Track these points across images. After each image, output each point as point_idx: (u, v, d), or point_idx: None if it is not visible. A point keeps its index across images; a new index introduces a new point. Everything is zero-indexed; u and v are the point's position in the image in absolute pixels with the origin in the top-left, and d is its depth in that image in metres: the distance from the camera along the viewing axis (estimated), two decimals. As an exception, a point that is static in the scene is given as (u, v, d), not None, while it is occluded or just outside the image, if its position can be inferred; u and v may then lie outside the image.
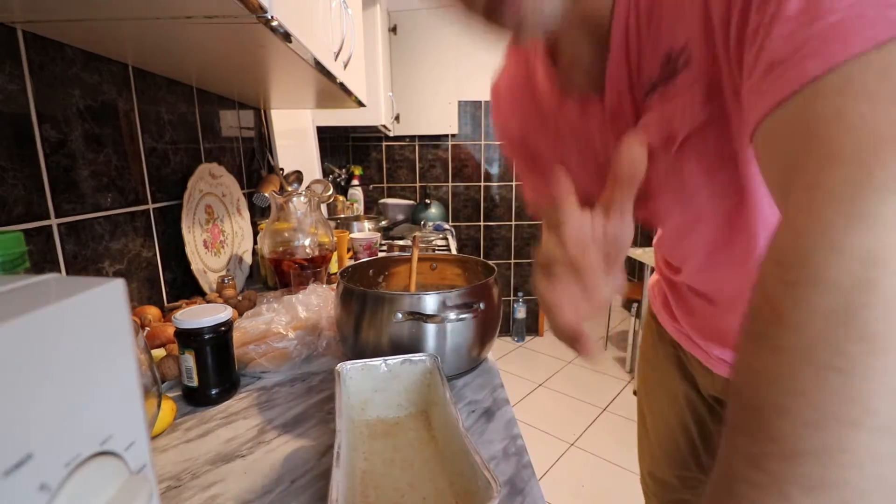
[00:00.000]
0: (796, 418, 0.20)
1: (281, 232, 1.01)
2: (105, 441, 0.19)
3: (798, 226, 0.21)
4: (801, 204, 0.22)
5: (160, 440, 0.53)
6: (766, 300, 0.22)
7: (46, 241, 0.65)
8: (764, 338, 0.22)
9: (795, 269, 0.21)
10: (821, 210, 0.21)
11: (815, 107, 0.23)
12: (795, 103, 0.24)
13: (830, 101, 0.22)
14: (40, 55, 0.64)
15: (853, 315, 0.19)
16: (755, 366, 0.22)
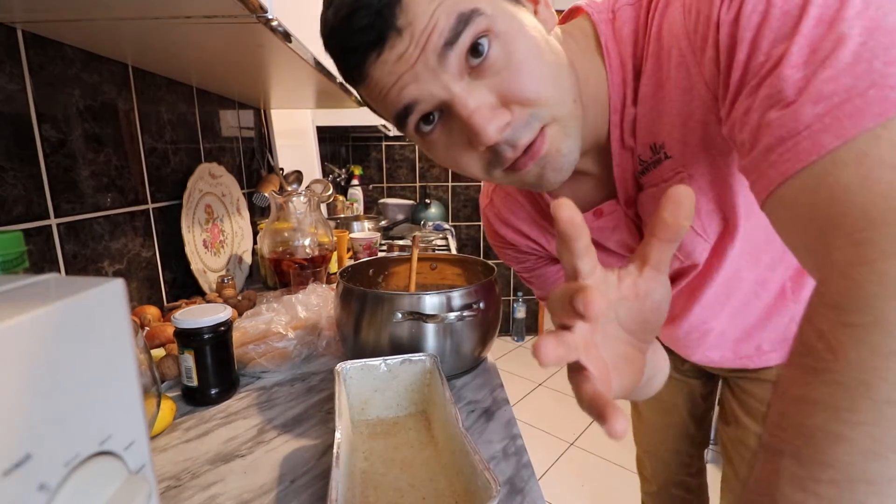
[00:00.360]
0: (853, 447, 0.21)
1: (281, 232, 1.01)
2: (104, 441, 0.19)
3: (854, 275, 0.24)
4: (853, 258, 0.24)
5: (160, 440, 0.53)
6: (821, 339, 0.24)
7: (46, 241, 0.65)
8: (820, 372, 0.23)
9: (857, 314, 0.23)
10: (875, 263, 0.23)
11: (836, 176, 0.26)
12: (813, 172, 0.27)
13: (851, 171, 0.25)
14: (40, 55, 0.64)
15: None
16: (809, 396, 0.23)
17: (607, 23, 0.41)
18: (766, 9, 0.29)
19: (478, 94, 0.36)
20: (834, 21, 0.27)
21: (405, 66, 0.35)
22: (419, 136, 0.41)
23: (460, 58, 0.35)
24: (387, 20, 0.34)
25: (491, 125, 0.35)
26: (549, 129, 0.38)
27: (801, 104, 0.27)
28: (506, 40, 0.36)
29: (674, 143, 0.39)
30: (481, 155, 0.39)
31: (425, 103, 0.37)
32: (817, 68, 0.27)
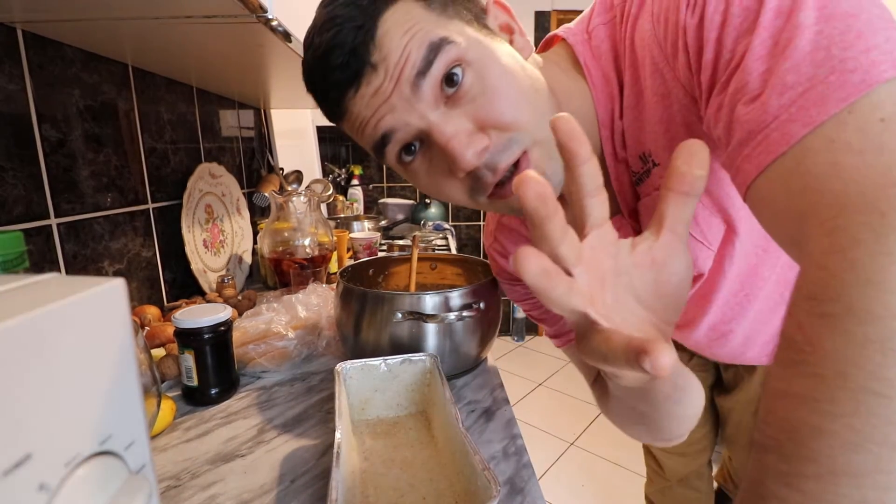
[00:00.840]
0: (833, 440, 0.21)
1: (281, 231, 1.01)
2: (105, 441, 0.19)
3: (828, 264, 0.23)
4: (826, 247, 0.24)
5: (160, 440, 0.53)
6: (800, 330, 0.24)
7: (46, 241, 0.65)
8: (799, 364, 0.23)
9: (830, 303, 0.23)
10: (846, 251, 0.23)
11: (806, 164, 0.26)
12: (784, 163, 0.27)
13: (820, 158, 0.25)
14: (40, 55, 0.64)
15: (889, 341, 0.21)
16: (790, 390, 0.23)
17: (584, 43, 0.42)
18: (727, 7, 0.30)
19: (455, 121, 0.37)
20: (791, 11, 0.27)
21: (381, 98, 0.37)
22: (401, 166, 0.41)
23: (434, 87, 0.36)
24: (361, 57, 0.36)
25: (468, 150, 0.36)
26: (531, 152, 0.38)
27: (768, 96, 0.27)
28: (479, 68, 0.37)
29: (659, 149, 0.40)
30: (463, 182, 0.40)
31: (402, 132, 0.38)
32: (779, 59, 0.27)
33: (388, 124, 0.38)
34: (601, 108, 0.42)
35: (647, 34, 0.37)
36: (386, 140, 0.39)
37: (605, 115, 0.42)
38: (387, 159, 0.41)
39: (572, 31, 0.44)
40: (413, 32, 0.36)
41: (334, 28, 0.36)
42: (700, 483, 0.93)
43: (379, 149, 0.40)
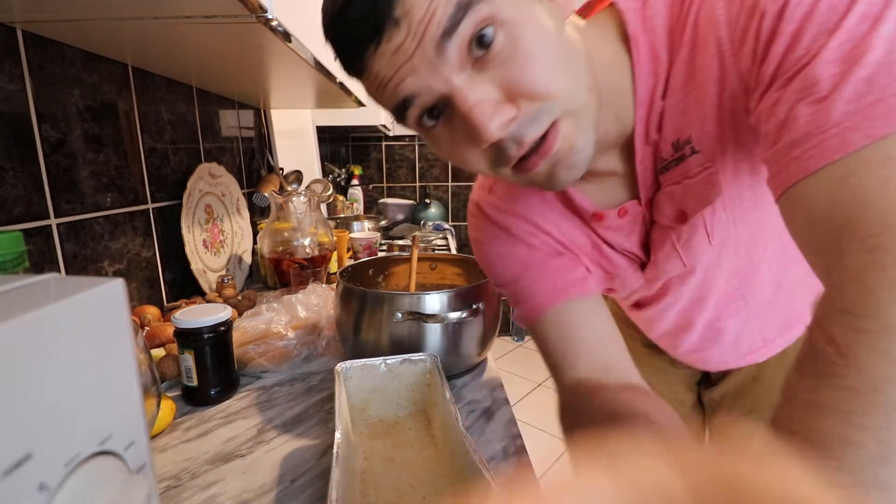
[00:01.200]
0: (862, 452, 0.21)
1: (281, 232, 1.01)
2: (104, 441, 0.19)
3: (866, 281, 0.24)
4: (866, 263, 0.24)
5: (160, 440, 0.53)
6: (832, 343, 0.24)
7: (46, 241, 0.65)
8: (830, 376, 0.23)
9: (867, 319, 0.23)
10: (887, 269, 0.23)
11: (858, 175, 0.25)
12: (835, 170, 0.26)
13: (875, 173, 0.25)
14: (40, 55, 0.64)
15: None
16: (819, 401, 0.23)
17: (636, 11, 0.39)
18: (814, 2, 0.28)
19: (480, 87, 0.34)
20: (878, 19, 0.26)
21: (403, 57, 0.34)
22: (423, 129, 0.39)
23: (461, 48, 0.33)
24: (383, 11, 0.33)
25: (493, 121, 0.33)
26: (561, 124, 0.36)
27: (834, 100, 0.26)
28: (511, 29, 0.33)
29: (704, 136, 0.38)
30: (485, 152, 0.37)
31: (424, 97, 0.35)
32: (854, 65, 0.26)
33: (409, 87, 0.35)
34: (642, 84, 0.39)
35: (717, 13, 0.34)
36: (407, 104, 0.36)
37: (645, 93, 0.40)
38: (407, 122, 0.38)
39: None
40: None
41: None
42: None
43: (400, 112, 0.37)
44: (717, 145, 0.38)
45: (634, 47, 0.39)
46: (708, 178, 0.39)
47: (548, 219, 0.51)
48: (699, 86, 0.37)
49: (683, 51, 0.37)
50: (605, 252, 0.51)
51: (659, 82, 0.39)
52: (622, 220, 0.47)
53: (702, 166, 0.39)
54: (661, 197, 0.44)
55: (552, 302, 0.48)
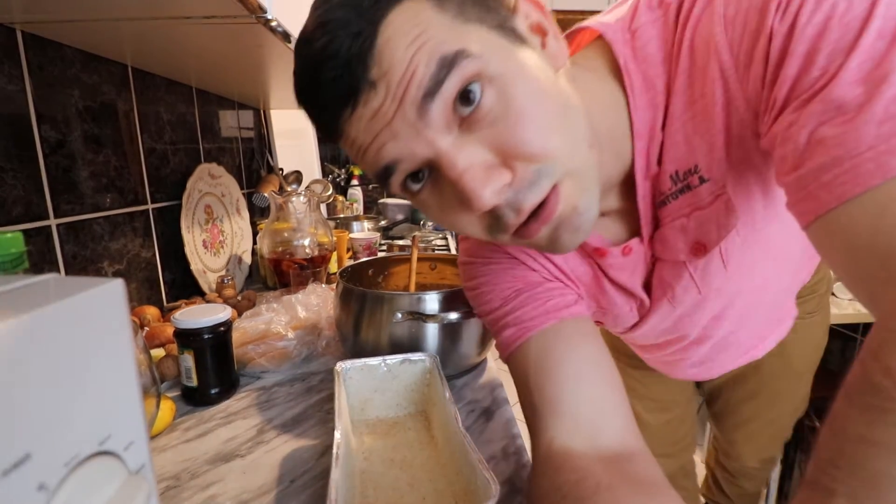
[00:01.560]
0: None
1: (280, 232, 1.01)
2: (104, 441, 0.19)
3: None
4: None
5: (159, 440, 0.53)
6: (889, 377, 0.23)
7: (46, 242, 0.65)
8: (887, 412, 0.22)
9: None
10: None
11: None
12: (876, 197, 0.25)
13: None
14: (39, 56, 0.64)
15: None
16: (870, 437, 0.23)
17: (625, 42, 0.37)
18: (824, 21, 0.27)
19: (469, 150, 0.31)
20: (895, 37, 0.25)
21: (382, 122, 0.31)
22: (408, 195, 0.36)
23: (446, 109, 0.30)
24: (357, 73, 0.30)
25: (486, 188, 0.30)
26: (562, 186, 0.33)
27: (864, 122, 0.25)
28: (502, 85, 0.30)
29: (713, 163, 0.36)
30: (480, 218, 0.34)
31: (407, 162, 0.33)
32: (880, 85, 0.25)
33: (391, 153, 0.32)
34: (639, 118, 0.38)
35: (715, 38, 0.32)
36: (389, 171, 0.33)
37: (643, 126, 0.38)
38: (391, 189, 0.35)
39: (611, 28, 0.38)
40: (421, 42, 0.29)
41: (326, 35, 0.30)
42: (686, 481, 0.93)
43: (382, 179, 0.34)
44: (729, 171, 0.36)
45: (628, 81, 0.37)
46: (724, 205, 0.37)
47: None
48: (702, 113, 0.35)
49: (681, 78, 0.35)
50: (604, 287, 0.48)
51: (658, 113, 0.37)
52: (626, 259, 0.45)
53: (713, 194, 0.37)
54: (667, 232, 0.41)
55: (539, 324, 0.44)
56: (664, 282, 0.46)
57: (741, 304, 0.49)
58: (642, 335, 0.55)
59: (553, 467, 0.36)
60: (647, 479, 0.34)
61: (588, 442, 0.38)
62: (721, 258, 0.42)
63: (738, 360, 0.63)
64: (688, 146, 0.37)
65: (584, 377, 0.41)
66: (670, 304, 0.47)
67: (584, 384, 0.40)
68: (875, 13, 0.25)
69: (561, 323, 0.44)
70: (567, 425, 0.39)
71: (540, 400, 0.41)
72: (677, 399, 0.85)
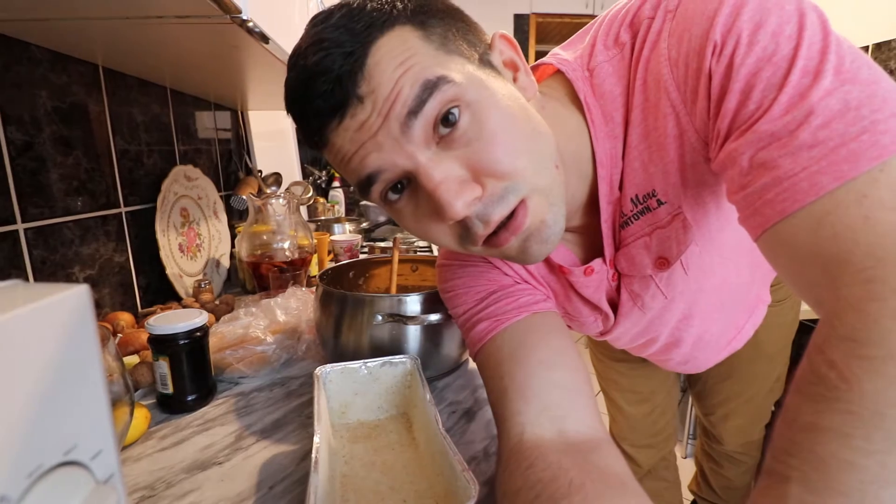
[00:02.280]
0: (866, 474, 0.22)
1: (259, 235, 1.00)
2: (69, 451, 0.18)
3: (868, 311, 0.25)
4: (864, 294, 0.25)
5: (134, 449, 0.51)
6: (833, 368, 0.25)
7: (13, 247, 0.63)
8: (832, 400, 0.24)
9: (872, 346, 0.24)
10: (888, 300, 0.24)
11: (837, 214, 0.27)
12: (812, 211, 0.28)
13: (851, 211, 0.27)
14: (5, 55, 0.62)
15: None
16: (820, 424, 0.24)
17: (584, 80, 0.41)
18: (756, 62, 0.30)
19: (445, 165, 0.34)
20: (818, 73, 0.28)
21: (367, 134, 0.34)
22: (386, 204, 0.39)
23: (426, 127, 0.34)
24: (347, 88, 0.33)
25: (458, 199, 0.34)
26: (530, 201, 0.36)
27: (796, 148, 0.28)
28: (477, 110, 0.34)
29: (668, 187, 0.40)
30: (452, 228, 0.38)
31: (389, 173, 0.36)
32: (808, 116, 0.28)
33: (373, 164, 0.35)
34: (600, 147, 0.41)
35: (663, 77, 0.36)
36: (372, 180, 0.36)
37: (604, 155, 0.41)
38: (371, 198, 0.38)
39: (571, 66, 0.42)
40: (407, 66, 0.33)
41: (321, 52, 0.33)
42: (667, 473, 0.97)
43: (364, 188, 0.37)
44: (684, 193, 0.39)
45: (588, 115, 0.40)
46: (682, 224, 0.41)
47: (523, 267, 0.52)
48: (656, 143, 0.38)
49: (636, 111, 0.39)
50: (571, 297, 0.52)
51: (617, 143, 0.41)
52: (588, 279, 0.48)
53: (671, 214, 0.41)
54: (631, 251, 0.45)
55: (513, 316, 0.46)
56: (633, 293, 0.49)
57: (704, 302, 0.52)
58: (615, 339, 0.59)
59: (525, 464, 0.37)
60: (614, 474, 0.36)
61: (556, 425, 0.39)
62: (682, 266, 0.45)
63: (721, 353, 0.66)
64: (645, 173, 0.40)
65: (552, 364, 0.43)
66: (641, 310, 0.51)
67: (553, 370, 0.42)
68: (799, 54, 0.29)
69: (533, 316, 0.47)
70: (535, 409, 0.40)
71: (510, 384, 0.43)
72: (658, 390, 0.88)
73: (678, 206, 0.40)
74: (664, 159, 0.38)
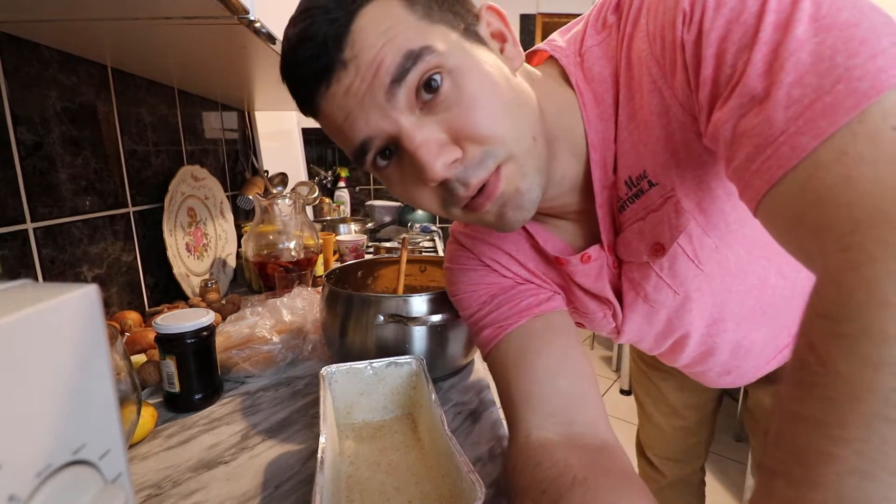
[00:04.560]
0: (842, 466, 0.20)
1: (265, 234, 1.00)
2: (78, 450, 0.18)
3: (843, 282, 0.22)
4: (841, 263, 0.23)
5: (140, 448, 0.52)
6: (812, 351, 0.23)
7: (22, 246, 0.64)
8: (811, 386, 0.22)
9: (845, 323, 0.22)
10: (862, 268, 0.22)
11: (819, 176, 0.25)
12: (797, 176, 0.26)
13: (832, 171, 0.25)
14: (15, 56, 0.62)
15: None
16: (801, 413, 0.22)
17: (576, 65, 0.41)
18: (725, 24, 0.29)
19: (427, 129, 0.35)
20: (788, 24, 0.27)
21: (353, 100, 0.35)
22: (376, 170, 0.40)
23: (409, 93, 0.35)
24: (331, 52, 0.34)
25: (437, 160, 0.35)
26: (504, 168, 0.37)
27: (773, 109, 0.27)
28: (458, 76, 0.35)
29: (658, 168, 0.39)
30: (435, 191, 0.39)
31: (377, 139, 0.37)
32: (780, 73, 0.27)
33: (363, 131, 0.37)
34: (592, 129, 0.41)
35: (643, 53, 0.36)
36: (365, 148, 0.38)
37: (596, 138, 0.41)
38: (366, 166, 0.39)
39: (563, 52, 0.42)
40: (390, 36, 0.34)
41: (308, 19, 0.35)
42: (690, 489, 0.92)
43: (359, 157, 0.38)
44: (676, 174, 0.38)
45: (580, 99, 0.41)
46: (673, 207, 0.40)
47: (521, 251, 0.52)
48: (645, 122, 0.38)
49: (623, 91, 0.39)
50: (575, 291, 0.51)
51: (609, 125, 0.41)
52: (586, 266, 0.47)
53: (663, 197, 0.40)
54: (627, 236, 0.44)
55: (513, 323, 0.47)
56: (634, 281, 0.47)
57: (738, 305, 0.48)
58: (634, 339, 0.56)
59: (532, 462, 0.38)
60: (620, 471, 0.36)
61: (562, 429, 0.41)
62: (689, 258, 0.43)
63: (771, 363, 0.58)
64: (636, 153, 0.40)
65: (556, 371, 0.44)
66: (646, 302, 0.49)
67: (557, 377, 0.43)
68: (768, 8, 0.28)
69: (534, 320, 0.47)
70: (540, 416, 0.42)
71: (516, 393, 0.44)
72: (693, 409, 0.82)
73: (670, 189, 0.39)
74: (651, 137, 0.38)
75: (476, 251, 0.53)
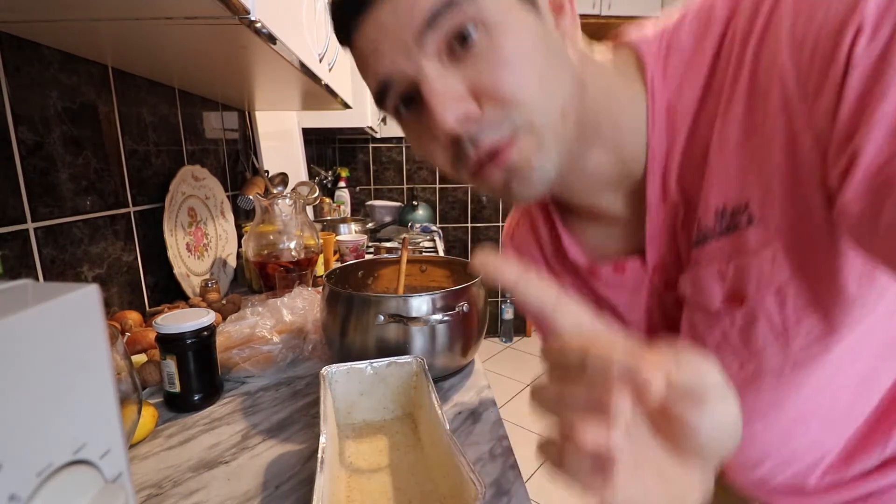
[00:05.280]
0: None
1: (266, 234, 1.00)
2: (79, 450, 0.18)
3: None
4: None
5: (141, 447, 0.52)
6: None
7: (23, 246, 0.64)
8: None
9: None
10: None
11: None
12: None
13: None
14: (16, 56, 0.62)
15: None
16: None
17: (656, 58, 0.36)
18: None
19: (448, 80, 0.33)
20: None
21: (384, 35, 0.34)
22: (397, 118, 0.38)
23: (439, 41, 0.33)
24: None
25: (449, 111, 0.33)
26: (521, 138, 0.34)
27: None
28: (493, 32, 0.33)
29: (766, 203, 0.32)
30: (446, 148, 0.36)
31: (398, 82, 0.35)
32: None
33: (386, 68, 0.35)
34: (656, 139, 0.37)
35: (780, 59, 0.29)
36: (386, 87, 0.36)
37: (660, 149, 0.37)
38: (387, 109, 0.38)
39: (646, 40, 0.37)
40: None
41: None
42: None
43: (380, 97, 0.37)
44: (786, 216, 0.32)
45: (651, 98, 0.36)
46: (771, 256, 0.33)
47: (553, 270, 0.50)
48: (762, 144, 0.31)
49: (736, 106, 0.32)
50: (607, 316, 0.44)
51: (678, 137, 0.36)
52: (620, 278, 0.43)
53: (761, 244, 0.33)
54: (700, 273, 0.37)
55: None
56: (696, 330, 0.40)
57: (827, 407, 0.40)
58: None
59: None
60: None
61: None
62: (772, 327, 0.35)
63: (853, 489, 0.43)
64: (741, 180, 0.33)
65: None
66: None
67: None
68: None
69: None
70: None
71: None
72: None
73: (774, 234, 0.32)
74: (769, 165, 0.31)
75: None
